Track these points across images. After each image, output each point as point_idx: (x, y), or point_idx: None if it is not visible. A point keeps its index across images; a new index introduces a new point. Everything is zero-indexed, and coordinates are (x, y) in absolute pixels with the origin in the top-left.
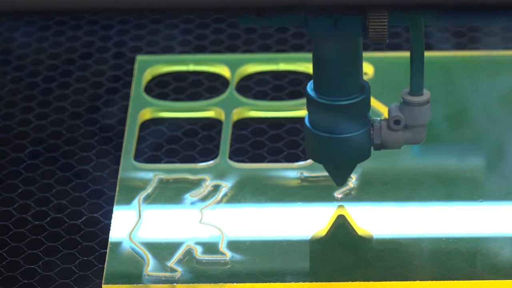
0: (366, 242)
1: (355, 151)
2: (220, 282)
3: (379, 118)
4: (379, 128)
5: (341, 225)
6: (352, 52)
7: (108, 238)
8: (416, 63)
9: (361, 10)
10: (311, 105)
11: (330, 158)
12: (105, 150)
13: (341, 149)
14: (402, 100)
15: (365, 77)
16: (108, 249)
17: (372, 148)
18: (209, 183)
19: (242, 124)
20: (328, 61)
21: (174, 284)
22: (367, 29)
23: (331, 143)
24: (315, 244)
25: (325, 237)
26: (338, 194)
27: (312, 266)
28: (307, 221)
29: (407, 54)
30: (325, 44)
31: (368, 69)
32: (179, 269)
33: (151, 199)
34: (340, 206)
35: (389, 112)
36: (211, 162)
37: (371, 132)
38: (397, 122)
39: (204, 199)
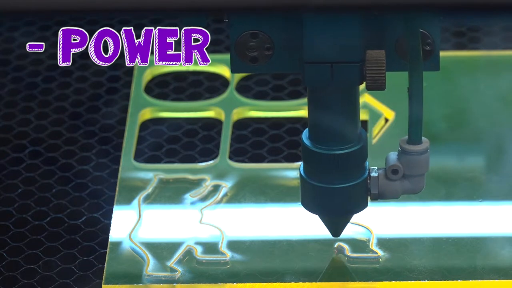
0: (366, 242)
1: (352, 201)
2: (220, 282)
3: (376, 167)
4: (377, 178)
5: None
6: (349, 100)
7: (108, 238)
8: (415, 111)
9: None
10: (306, 154)
11: (326, 209)
12: (105, 150)
13: (337, 199)
14: (400, 148)
15: None
16: (108, 249)
17: (369, 198)
18: (209, 183)
19: (242, 124)
20: (324, 109)
21: (174, 284)
22: (364, 77)
23: (326, 194)
24: (315, 244)
25: (325, 237)
26: None
27: (312, 266)
28: (307, 221)
29: None
30: (321, 93)
31: None
32: (179, 269)
33: (151, 199)
34: None
35: (387, 161)
36: (211, 162)
37: (368, 181)
38: (395, 171)
39: (204, 199)
